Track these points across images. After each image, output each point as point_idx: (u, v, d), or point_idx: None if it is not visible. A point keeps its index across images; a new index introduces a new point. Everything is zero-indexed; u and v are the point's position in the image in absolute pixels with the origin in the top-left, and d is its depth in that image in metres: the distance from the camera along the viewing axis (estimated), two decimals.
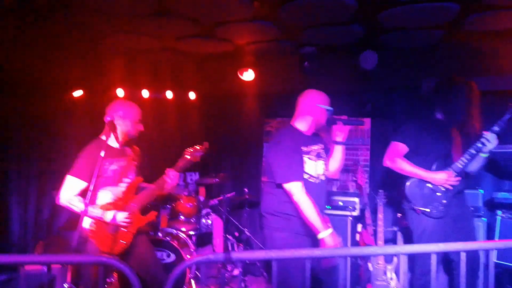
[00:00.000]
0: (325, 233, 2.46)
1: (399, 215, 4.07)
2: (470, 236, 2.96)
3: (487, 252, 1.73)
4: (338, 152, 2.84)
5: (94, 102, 4.55)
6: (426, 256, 2.83)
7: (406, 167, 3.00)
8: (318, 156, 2.75)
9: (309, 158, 2.69)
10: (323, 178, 2.76)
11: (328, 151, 2.88)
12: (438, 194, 2.96)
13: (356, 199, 4.27)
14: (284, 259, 1.70)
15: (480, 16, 3.21)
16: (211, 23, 3.53)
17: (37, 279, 3.19)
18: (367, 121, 5.10)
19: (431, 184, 2.97)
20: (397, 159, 3.03)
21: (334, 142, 2.83)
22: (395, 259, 3.94)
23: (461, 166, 2.90)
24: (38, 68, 4.18)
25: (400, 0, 2.98)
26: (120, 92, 4.95)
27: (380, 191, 4.16)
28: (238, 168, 5.50)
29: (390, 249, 1.86)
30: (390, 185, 4.77)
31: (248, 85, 4.68)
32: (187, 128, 5.57)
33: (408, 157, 3.04)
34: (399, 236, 4.03)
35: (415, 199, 3.00)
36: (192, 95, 5.40)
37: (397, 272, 3.90)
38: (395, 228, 4.08)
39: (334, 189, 5.05)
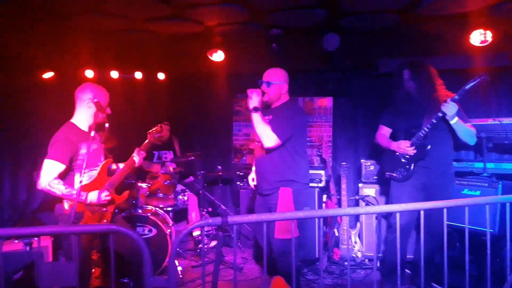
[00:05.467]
0: None
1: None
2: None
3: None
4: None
5: (64, 83, 4.53)
6: (394, 215, 3.24)
7: (381, 141, 3.58)
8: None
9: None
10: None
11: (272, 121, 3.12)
12: (403, 160, 3.38)
13: (322, 172, 4.59)
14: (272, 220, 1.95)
15: (431, 2, 3.54)
16: (182, 4, 3.62)
17: (20, 259, 3.23)
18: (329, 100, 5.42)
19: (397, 152, 3.41)
20: (377, 137, 3.63)
21: None
22: (358, 224, 4.35)
23: (422, 135, 3.26)
24: (8, 47, 4.09)
25: None
26: (89, 73, 4.94)
27: (343, 163, 4.52)
28: (209, 147, 5.68)
29: (361, 209, 2.16)
30: (350, 157, 5.19)
31: (217, 65, 4.77)
32: (157, 108, 5.64)
33: (394, 134, 3.59)
34: (361, 204, 4.42)
35: (386, 165, 3.52)
36: (161, 76, 5.45)
37: (360, 237, 4.32)
38: (357, 197, 4.47)
39: None
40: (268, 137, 2.98)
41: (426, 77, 3.32)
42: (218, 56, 4.64)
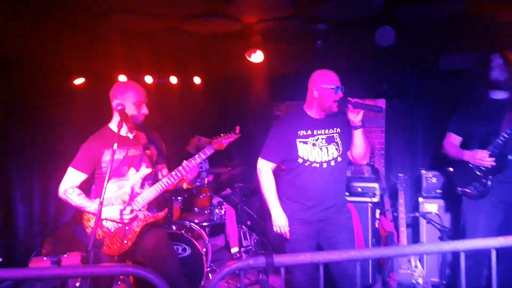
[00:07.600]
0: (273, 211, 2.68)
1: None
2: None
3: None
4: (356, 137, 2.65)
5: (96, 90, 4.30)
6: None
7: (450, 151, 3.06)
8: (330, 140, 2.70)
9: (304, 143, 2.68)
10: (332, 163, 2.67)
11: (347, 135, 2.69)
12: (479, 173, 2.85)
13: (376, 185, 4.05)
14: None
15: None
16: None
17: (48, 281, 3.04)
18: (382, 102, 4.88)
19: (471, 164, 2.89)
20: (445, 145, 3.10)
21: (352, 127, 2.64)
22: None
23: (501, 143, 2.76)
24: (38, 52, 3.92)
25: None
26: (122, 79, 4.71)
27: (400, 175, 3.97)
28: (247, 155, 5.29)
29: (446, 245, 1.67)
30: (406, 168, 4.61)
31: (256, 67, 4.38)
32: (193, 114, 5.34)
33: (465, 142, 3.06)
34: (422, 222, 3.87)
35: (458, 179, 3.00)
36: (197, 80, 5.15)
37: (421, 260, 3.76)
38: (417, 214, 3.91)
39: (349, 173, 4.79)
40: (368, 152, 2.75)
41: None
42: (257, 56, 4.23)
